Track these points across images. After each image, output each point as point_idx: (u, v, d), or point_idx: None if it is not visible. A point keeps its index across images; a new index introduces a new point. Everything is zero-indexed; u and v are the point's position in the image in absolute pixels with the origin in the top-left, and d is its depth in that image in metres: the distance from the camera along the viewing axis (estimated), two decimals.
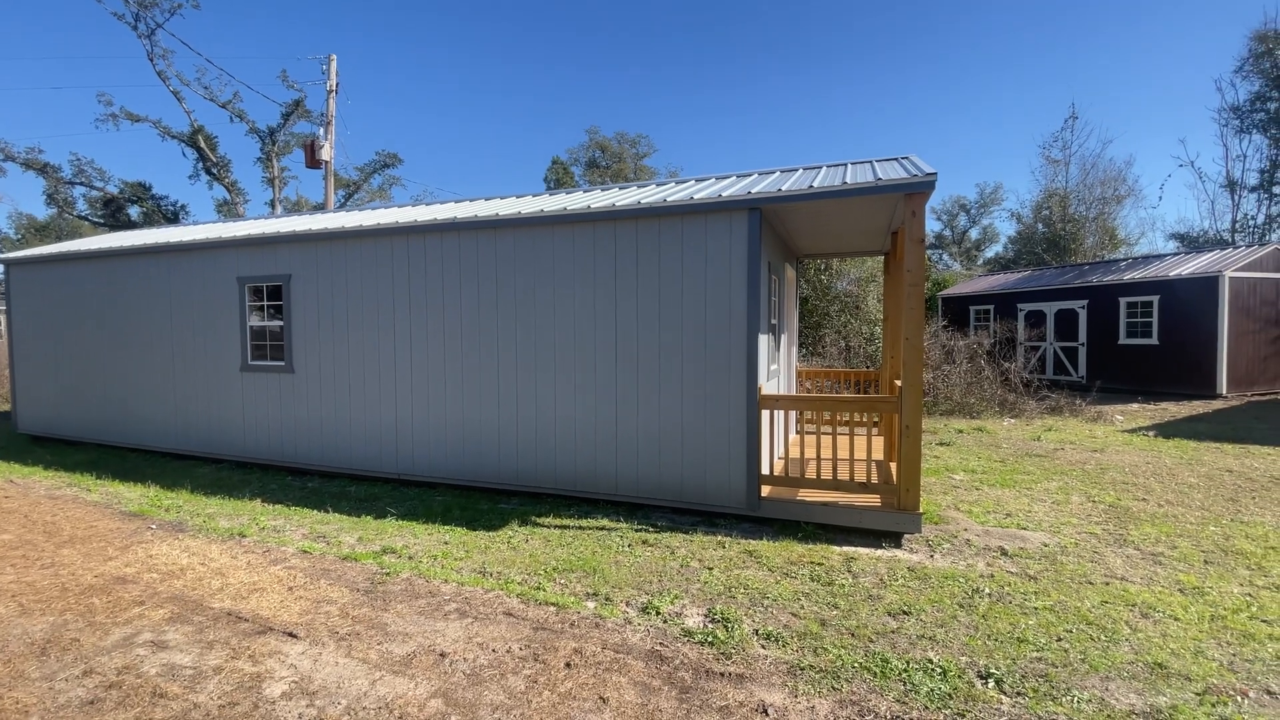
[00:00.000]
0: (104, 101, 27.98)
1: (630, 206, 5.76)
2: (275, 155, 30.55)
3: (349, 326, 7.22)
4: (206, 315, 8.18)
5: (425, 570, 4.41)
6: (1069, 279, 17.72)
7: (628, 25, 57.37)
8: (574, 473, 6.16)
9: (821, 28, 56.89)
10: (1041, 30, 47.79)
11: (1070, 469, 7.81)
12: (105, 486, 7.12)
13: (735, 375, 5.50)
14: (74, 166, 30.28)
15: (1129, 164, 36.44)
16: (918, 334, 5.03)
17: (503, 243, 6.38)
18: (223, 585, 4.24)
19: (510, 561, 4.62)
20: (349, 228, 7.18)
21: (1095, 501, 6.46)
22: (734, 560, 4.63)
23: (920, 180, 4.89)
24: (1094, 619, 3.85)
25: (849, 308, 17.08)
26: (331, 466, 7.43)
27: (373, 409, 7.12)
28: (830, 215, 6.13)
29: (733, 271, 5.49)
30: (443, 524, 5.61)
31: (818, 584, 4.23)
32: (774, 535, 5.22)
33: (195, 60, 37.94)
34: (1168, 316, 14.92)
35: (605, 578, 4.29)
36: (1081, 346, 16.67)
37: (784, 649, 3.36)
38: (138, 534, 5.42)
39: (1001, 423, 11.64)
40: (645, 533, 5.26)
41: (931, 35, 54.50)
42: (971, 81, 55.14)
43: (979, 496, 6.56)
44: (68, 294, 9.34)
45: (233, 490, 6.92)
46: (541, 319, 6.24)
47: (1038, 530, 5.54)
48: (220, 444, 8.19)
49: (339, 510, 6.11)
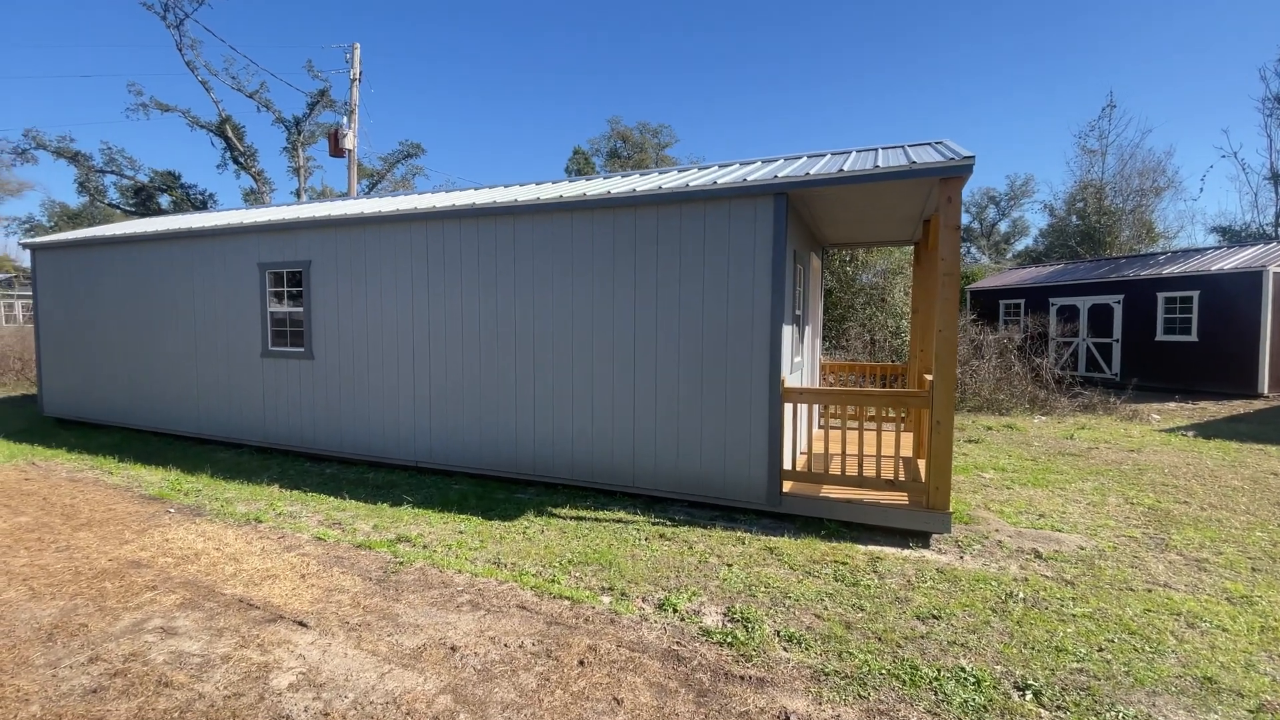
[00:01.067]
0: (134, 91, 28.48)
1: (651, 192, 5.60)
2: (301, 145, 30.86)
3: (367, 313, 7.17)
4: (228, 301, 8.20)
5: (439, 560, 4.33)
6: (1104, 273, 17.16)
7: (651, 13, 56.84)
8: (591, 464, 6.05)
9: (848, 13, 55.73)
10: (1077, 17, 46.26)
11: (1106, 469, 7.51)
12: (127, 470, 7.18)
13: (758, 367, 5.33)
14: (105, 155, 30.92)
15: (1169, 154, 35.14)
16: (951, 326, 4.81)
17: (521, 229, 6.27)
18: (236, 571, 4.21)
19: (525, 553, 4.52)
20: (368, 214, 7.11)
21: (1133, 503, 6.18)
22: (754, 557, 4.48)
23: (957, 164, 4.66)
24: (1137, 628, 3.64)
25: (874, 300, 16.72)
26: (350, 453, 7.42)
27: (390, 396, 7.08)
28: (860, 201, 5.90)
29: (757, 259, 5.31)
30: (458, 513, 5.54)
31: (842, 584, 4.06)
32: (795, 532, 5.05)
33: (223, 50, 38.38)
34: (1208, 313, 14.36)
35: (621, 571, 4.17)
36: (1116, 343, 16.14)
37: (807, 652, 3.21)
38: (155, 518, 5.43)
39: (1032, 420, 11.30)
40: (662, 526, 5.13)
41: (962, 22, 53.11)
42: (1003, 70, 53.70)
43: (1010, 496, 6.32)
44: (92, 279, 9.44)
45: (251, 475, 6.93)
46: (560, 306, 6.11)
47: (1073, 532, 5.31)
48: (241, 429, 8.22)
49: (355, 497, 6.07)
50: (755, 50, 58.17)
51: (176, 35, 27.04)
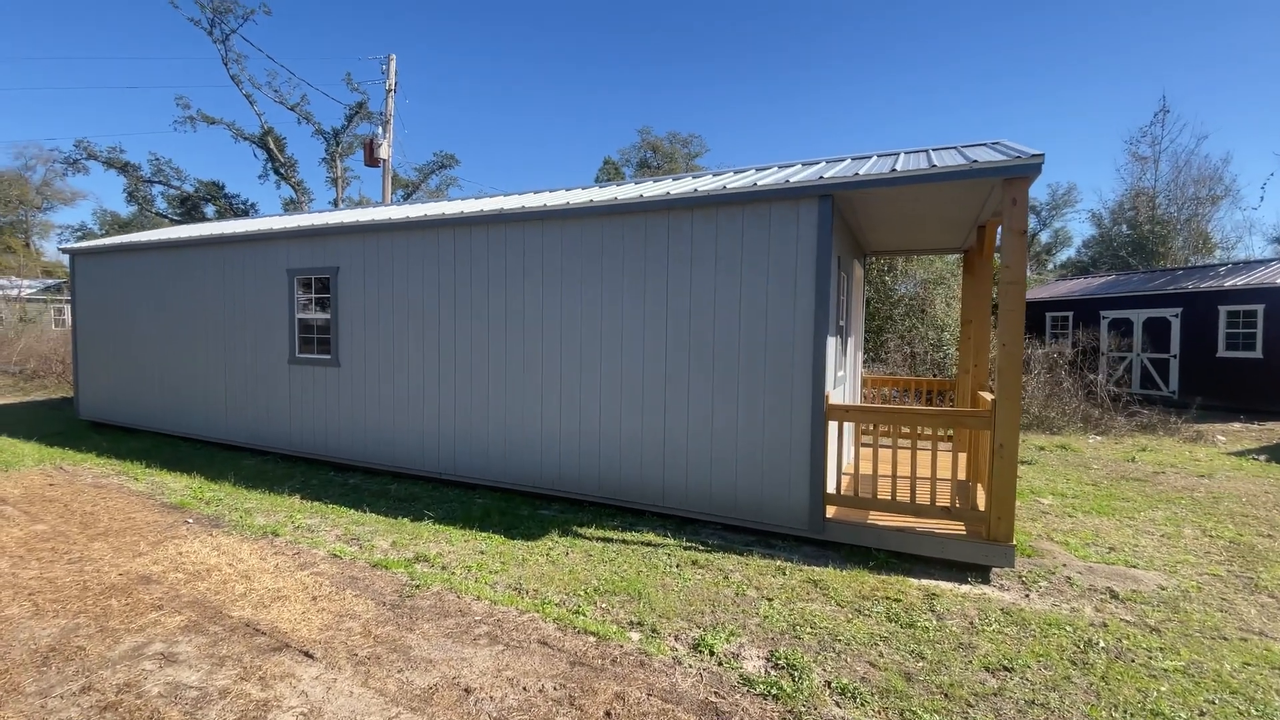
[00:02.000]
0: (182, 105, 29.31)
1: (685, 195, 5.30)
2: (339, 156, 31.41)
3: (394, 320, 7.00)
4: (258, 307, 8.14)
5: (457, 584, 4.05)
6: (1160, 284, 16.27)
7: (683, 24, 56.87)
8: (619, 481, 5.74)
9: (880, 16, 54.92)
10: (1127, 20, 44.67)
11: (1176, 496, 6.91)
12: (152, 476, 7.11)
13: (800, 382, 4.96)
14: (153, 166, 31.88)
15: (1225, 161, 33.41)
16: (1016, 340, 4.38)
17: (550, 235, 6.02)
18: (246, 590, 3.99)
19: (548, 578, 4.22)
20: (396, 219, 6.96)
21: (1212, 536, 5.63)
22: (797, 590, 4.11)
23: (1023, 162, 4.26)
24: (1238, 686, 3.18)
25: (914, 311, 16.11)
26: (374, 463, 7.24)
27: (415, 406, 6.88)
28: (912, 204, 5.51)
29: (799, 265, 4.96)
30: (480, 530, 5.27)
31: (896, 625, 3.66)
32: (841, 562, 4.66)
33: (266, 64, 39.44)
34: (1274, 328, 13.45)
35: (651, 604, 3.84)
36: (1174, 358, 15.24)
37: (863, 709, 2.83)
38: (173, 528, 5.28)
39: (1087, 440, 10.63)
40: (695, 551, 4.78)
41: (1004, 24, 51.86)
42: (1046, 75, 52.20)
43: (1074, 525, 5.82)
44: (126, 284, 9.52)
45: (274, 484, 6.79)
46: (589, 315, 5.84)
47: (1150, 569, 4.80)
48: (268, 436, 8.13)
49: (376, 510, 5.86)
50: (785, 57, 57.74)
51: (222, 50, 27.83)
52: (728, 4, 55.46)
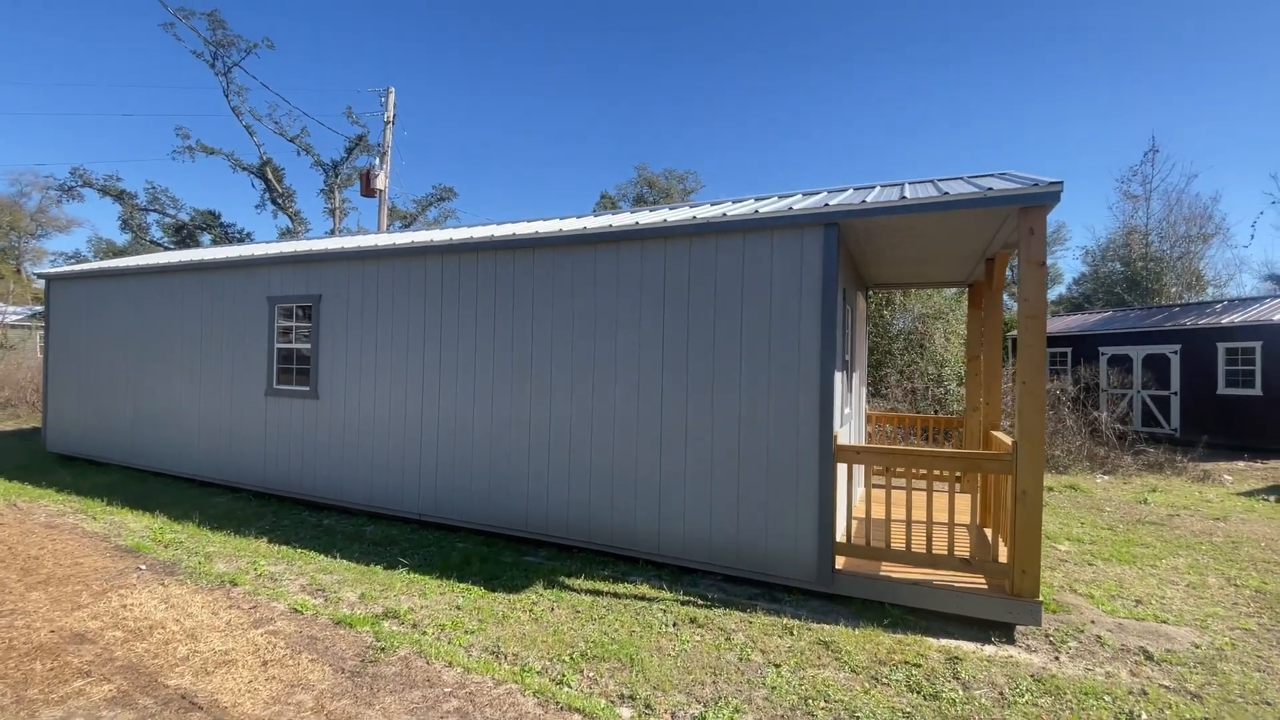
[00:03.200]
0: (182, 135, 29.36)
1: (684, 222, 5.05)
2: (337, 187, 31.43)
3: (377, 351, 6.67)
4: (235, 336, 7.79)
5: (428, 647, 3.63)
6: (1158, 321, 16.16)
7: (681, 60, 58.06)
8: (610, 526, 5.34)
9: (870, 54, 56.21)
10: (1117, 61, 45.80)
11: (1196, 541, 6.56)
12: (112, 515, 6.65)
13: (806, 421, 4.63)
14: (149, 194, 31.80)
15: (1215, 200, 33.90)
16: (1038, 378, 4.09)
17: (541, 264, 5.75)
18: (190, 653, 3.56)
19: (531, 639, 3.80)
20: (383, 246, 6.69)
21: (1238, 585, 5.28)
22: (806, 654, 3.71)
23: (1041, 191, 4.02)
24: None
25: (913, 345, 15.89)
26: (351, 502, 6.81)
27: (396, 441, 6.50)
28: (921, 234, 5.27)
29: (804, 297, 4.68)
30: (458, 580, 4.85)
31: (919, 696, 3.27)
32: (852, 619, 4.26)
33: (267, 96, 39.79)
34: (1273, 364, 13.28)
35: (645, 672, 3.43)
36: (1174, 395, 15.02)
37: None
38: (122, 576, 4.84)
39: (1094, 480, 10.30)
40: (693, 607, 4.38)
41: (992, 62, 53.13)
42: (1034, 112, 53.26)
43: (1095, 575, 5.44)
44: (102, 311, 9.17)
45: (242, 525, 6.34)
46: (581, 348, 5.53)
47: (1180, 624, 4.43)
48: (241, 472, 7.70)
49: (348, 556, 5.43)
50: (777, 96, 58.89)
51: (224, 82, 27.99)
52: (726, 53, 56.79)
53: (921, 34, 53.36)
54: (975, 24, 51.17)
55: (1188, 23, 42.12)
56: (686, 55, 57.30)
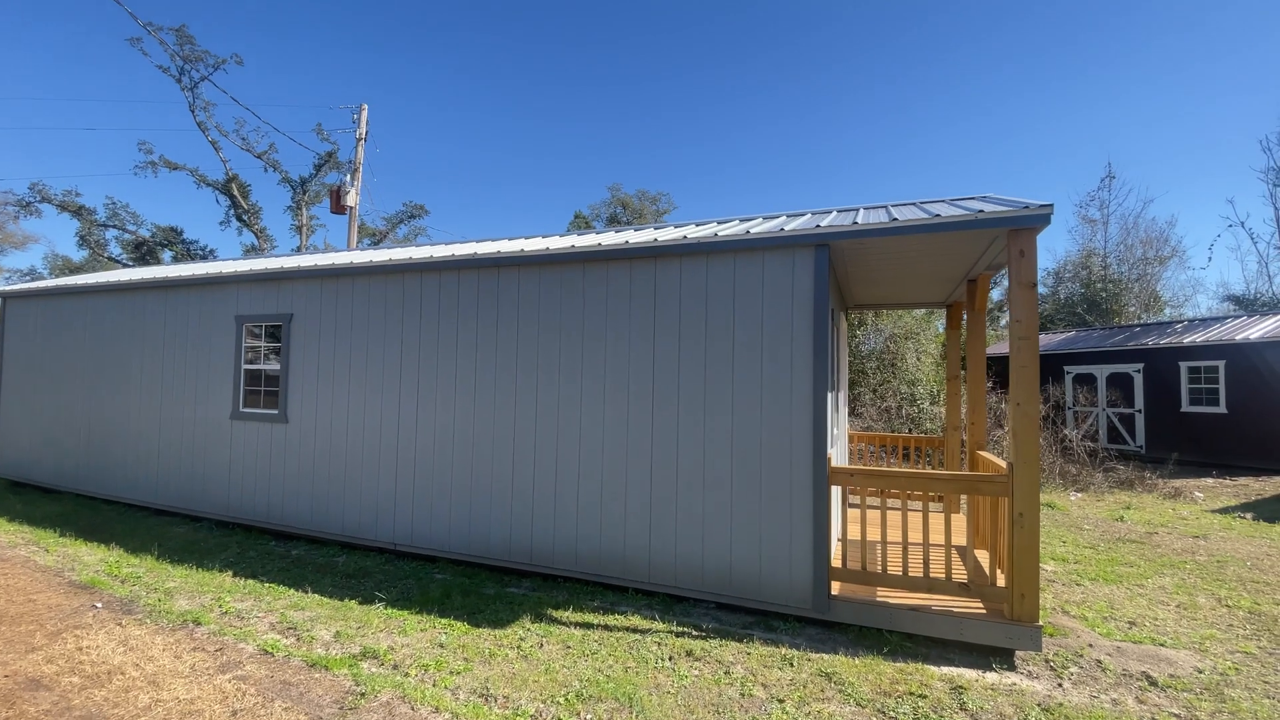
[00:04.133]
0: (144, 150, 28.65)
1: (674, 242, 4.98)
2: (305, 204, 30.90)
3: (351, 373, 6.42)
4: (200, 357, 7.46)
5: (411, 690, 3.41)
6: (1121, 340, 16.62)
7: (655, 82, 58.80)
8: (598, 554, 5.17)
9: (837, 83, 57.67)
10: (1071, 88, 47.69)
11: (1179, 560, 6.63)
12: (66, 547, 6.24)
13: (799, 443, 4.56)
14: (109, 210, 30.84)
15: (1171, 224, 35.40)
16: (1032, 399, 4.08)
17: (526, 283, 5.62)
18: (152, 702, 3.29)
19: (521, 679, 3.60)
20: (358, 264, 6.49)
21: (1229, 606, 5.31)
22: (808, 686, 3.58)
23: (1032, 213, 4.05)
24: None
25: (885, 365, 16.08)
26: (321, 532, 6.50)
27: (370, 467, 6.24)
28: (908, 256, 5.29)
29: (795, 317, 4.63)
30: (439, 615, 4.61)
31: None
32: (851, 647, 4.15)
33: (234, 110, 39.13)
34: (1236, 383, 13.72)
35: (645, 713, 3.25)
36: (1139, 413, 15.42)
37: None
38: (78, 615, 4.50)
39: (1069, 497, 10.44)
40: (688, 638, 4.22)
41: (954, 91, 54.97)
42: (989, 137, 55.07)
43: (1085, 596, 5.44)
44: (60, 330, 8.73)
45: (205, 557, 6.00)
46: (567, 370, 5.39)
47: (1179, 647, 4.42)
48: (203, 500, 7.32)
49: (320, 590, 5.15)
50: (751, 119, 60.03)
51: (190, 97, 27.44)
52: (697, 83, 57.77)
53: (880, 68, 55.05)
54: (942, 52, 52.98)
55: (1137, 57, 44.21)
56: (663, 75, 58.14)
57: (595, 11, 55.45)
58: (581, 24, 56.41)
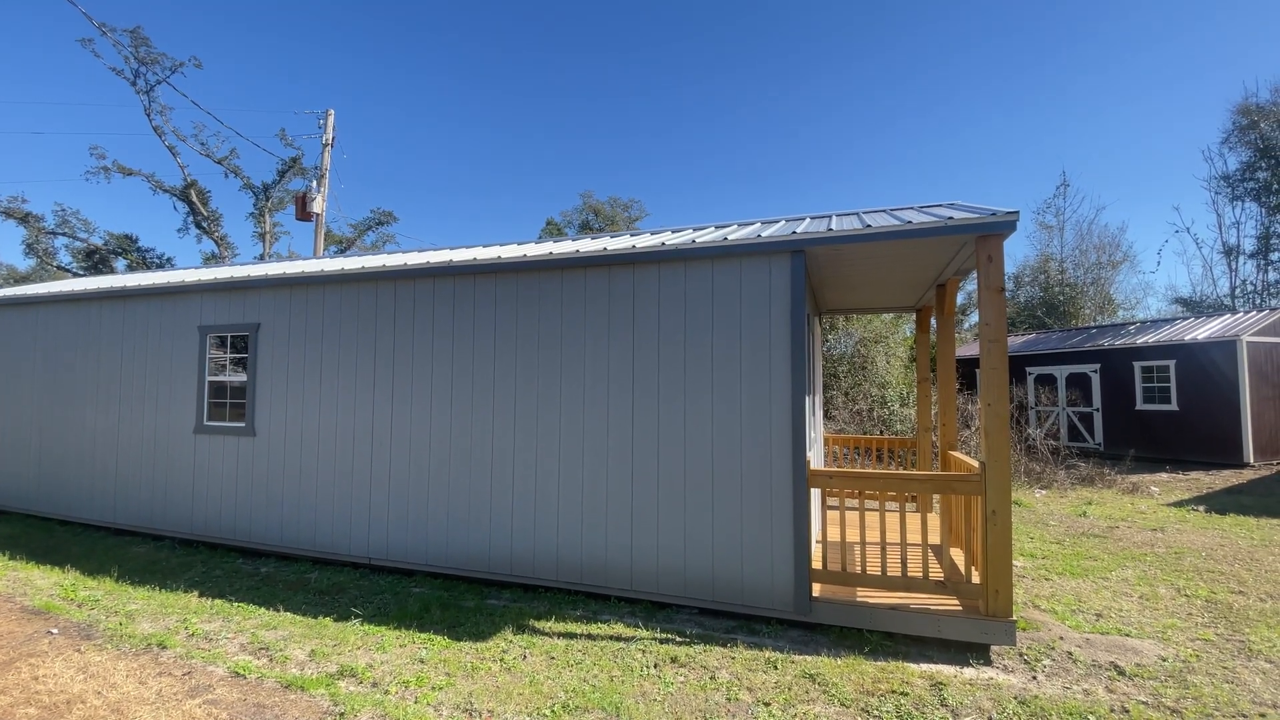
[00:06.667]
0: (97, 155, 27.61)
1: (653, 249, 5.00)
2: (269, 211, 30.14)
3: (321, 383, 6.28)
4: (162, 368, 7.21)
5: (393, 709, 3.33)
6: (1078, 342, 17.21)
7: (629, 90, 59.06)
8: (579, 563, 5.13)
9: (802, 102, 58.78)
10: (1024, 100, 49.53)
11: (1139, 552, 6.87)
12: (16, 570, 5.95)
13: (778, 447, 4.60)
14: (58, 216, 29.63)
15: (1122, 230, 37.03)
16: (1001, 399, 4.19)
17: (504, 291, 5.57)
18: None
19: (505, 691, 3.55)
20: (329, 271, 6.35)
21: (1188, 596, 5.52)
22: (793, 689, 3.60)
23: (999, 220, 4.18)
24: None
25: (856, 368, 16.36)
26: (292, 548, 6.32)
27: (343, 480, 6.09)
28: (880, 261, 5.40)
29: (773, 323, 4.69)
30: (419, 630, 4.52)
31: None
32: (832, 648, 4.19)
33: (193, 114, 38.00)
34: (1186, 382, 14.33)
35: None
36: (1097, 412, 15.98)
37: None
38: (32, 641, 4.29)
39: (1034, 494, 10.74)
40: (672, 645, 4.21)
41: (916, 101, 56.42)
42: (948, 146, 56.68)
43: (1053, 589, 5.60)
44: (9, 342, 8.35)
45: (168, 577, 5.78)
46: (546, 377, 5.35)
47: (1143, 637, 4.58)
48: (164, 518, 7.05)
49: (292, 608, 5.00)
50: (722, 127, 60.68)
51: (146, 101, 26.57)
52: (676, 98, 58.25)
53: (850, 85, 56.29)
54: (917, 68, 54.37)
55: (1091, 80, 46.11)
56: (635, 82, 58.43)
57: (567, 20, 55.53)
58: (554, 32, 56.43)
